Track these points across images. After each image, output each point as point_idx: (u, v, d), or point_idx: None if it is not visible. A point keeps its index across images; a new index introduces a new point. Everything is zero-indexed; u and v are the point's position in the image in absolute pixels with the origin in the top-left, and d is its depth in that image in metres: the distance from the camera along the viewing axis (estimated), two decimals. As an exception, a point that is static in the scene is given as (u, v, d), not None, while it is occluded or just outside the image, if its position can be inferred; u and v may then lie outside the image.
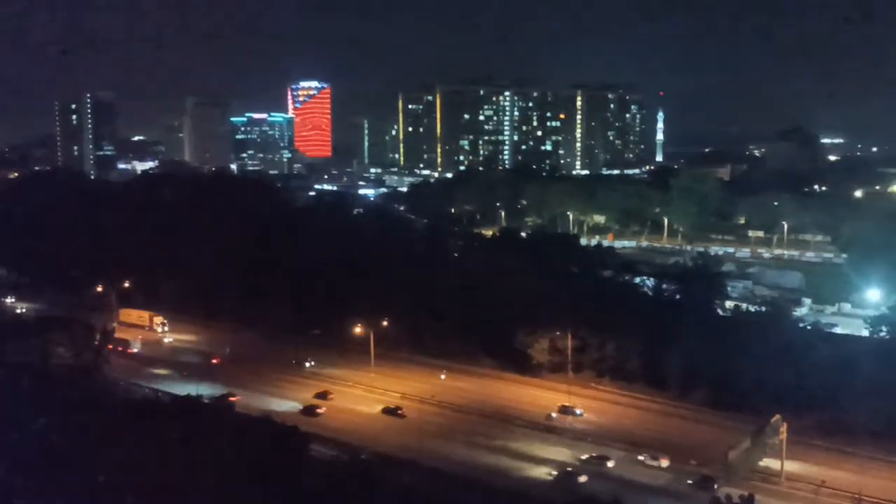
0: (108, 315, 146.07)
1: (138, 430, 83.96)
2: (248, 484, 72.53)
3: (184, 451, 78.85)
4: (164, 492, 72.20)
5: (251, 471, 73.96)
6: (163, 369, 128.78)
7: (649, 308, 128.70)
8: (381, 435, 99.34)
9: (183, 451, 78.88)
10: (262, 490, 72.31)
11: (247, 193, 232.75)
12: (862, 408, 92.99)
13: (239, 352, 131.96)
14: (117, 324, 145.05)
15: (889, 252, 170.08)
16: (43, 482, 74.09)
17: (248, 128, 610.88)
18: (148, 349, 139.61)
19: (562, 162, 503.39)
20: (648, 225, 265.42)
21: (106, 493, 74.00)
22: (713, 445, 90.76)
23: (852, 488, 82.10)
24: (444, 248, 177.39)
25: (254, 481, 72.51)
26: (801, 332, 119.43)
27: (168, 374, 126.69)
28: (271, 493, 72.94)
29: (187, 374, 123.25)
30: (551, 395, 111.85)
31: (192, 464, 74.90)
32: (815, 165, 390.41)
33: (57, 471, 76.57)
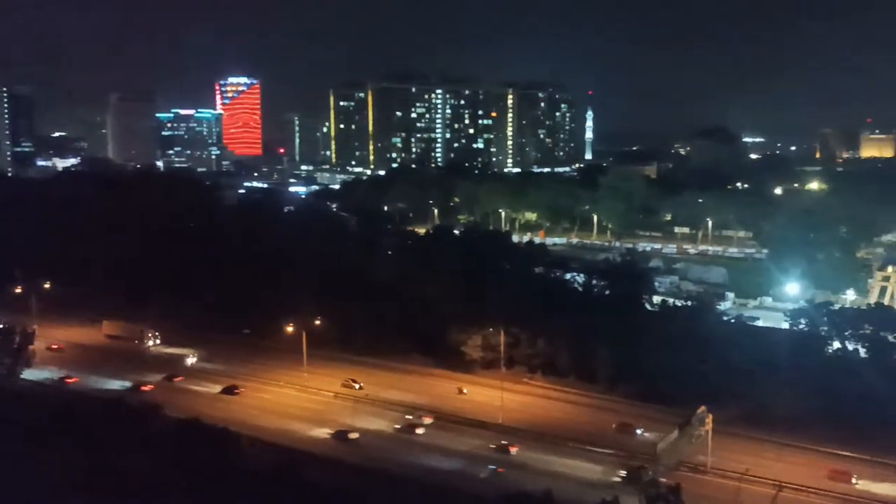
0: (29, 317, 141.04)
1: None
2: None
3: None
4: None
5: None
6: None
7: (580, 304, 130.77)
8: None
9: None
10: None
11: (173, 191, 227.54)
12: (782, 397, 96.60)
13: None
14: (105, 337, 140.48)
15: (806, 247, 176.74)
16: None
17: (175, 124, 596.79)
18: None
19: (493, 160, 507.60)
20: (578, 222, 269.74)
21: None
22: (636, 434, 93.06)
23: (773, 475, 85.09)
24: (377, 246, 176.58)
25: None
26: (726, 326, 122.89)
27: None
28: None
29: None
30: (484, 391, 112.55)
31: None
32: (738, 163, 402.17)
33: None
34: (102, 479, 77.04)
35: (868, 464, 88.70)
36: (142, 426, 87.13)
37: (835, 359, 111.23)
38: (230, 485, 75.90)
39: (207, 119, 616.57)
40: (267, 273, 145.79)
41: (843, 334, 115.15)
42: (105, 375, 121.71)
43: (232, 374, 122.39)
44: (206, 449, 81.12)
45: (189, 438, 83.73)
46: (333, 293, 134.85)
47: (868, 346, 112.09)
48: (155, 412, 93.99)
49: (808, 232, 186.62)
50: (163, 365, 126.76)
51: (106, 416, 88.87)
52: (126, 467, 78.43)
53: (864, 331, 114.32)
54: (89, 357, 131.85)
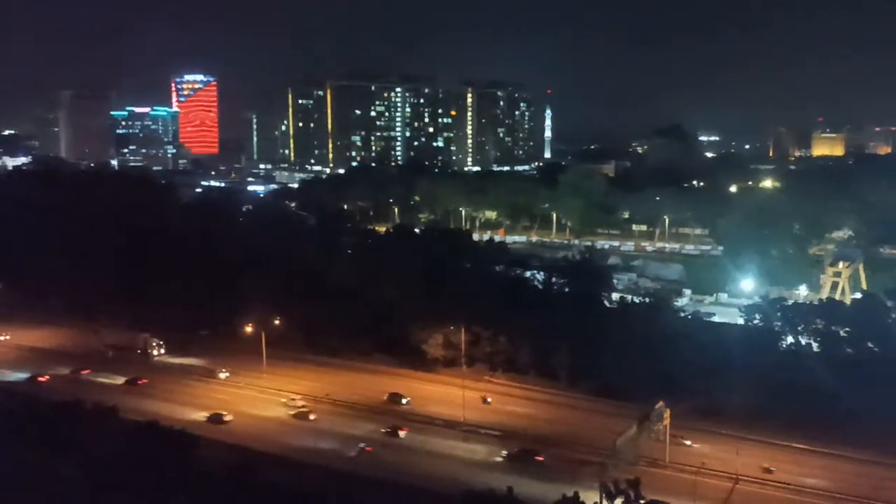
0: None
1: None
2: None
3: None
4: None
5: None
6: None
7: (540, 301, 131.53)
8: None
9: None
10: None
11: (129, 190, 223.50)
12: (738, 392, 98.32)
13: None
14: (104, 347, 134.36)
15: (761, 244, 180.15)
16: None
17: (130, 122, 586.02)
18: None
19: (453, 158, 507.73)
20: (538, 220, 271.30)
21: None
22: (597, 433, 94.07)
23: (729, 468, 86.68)
24: (338, 246, 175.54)
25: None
26: (683, 322, 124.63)
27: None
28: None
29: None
30: (445, 390, 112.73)
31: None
32: (694, 162, 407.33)
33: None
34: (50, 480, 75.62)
35: (816, 455, 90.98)
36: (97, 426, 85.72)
37: (788, 353, 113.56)
38: (187, 485, 75.04)
39: (163, 117, 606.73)
40: (225, 273, 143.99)
41: (796, 329, 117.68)
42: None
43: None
44: (162, 449, 80.00)
45: (145, 439, 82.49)
46: (294, 293, 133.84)
47: (820, 341, 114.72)
48: (111, 412, 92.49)
49: (762, 229, 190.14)
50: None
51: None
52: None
53: (816, 325, 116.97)
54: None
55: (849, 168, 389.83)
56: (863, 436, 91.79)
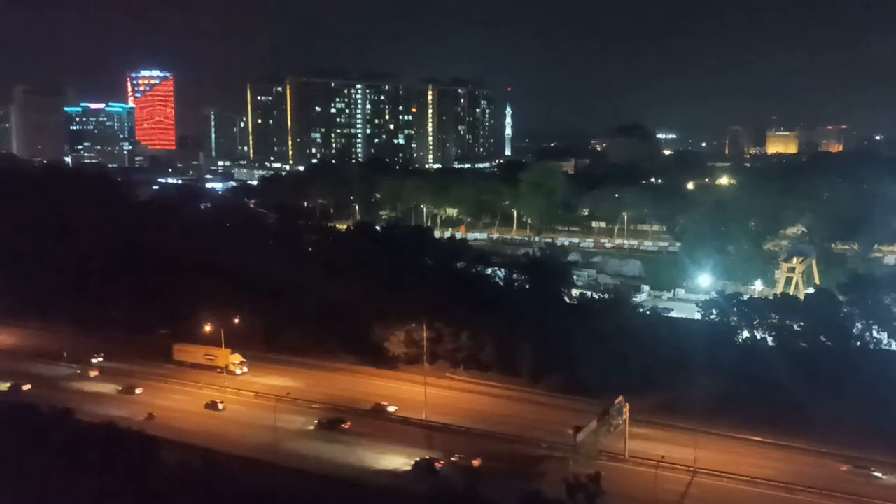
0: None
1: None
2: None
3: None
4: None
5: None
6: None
7: (501, 298, 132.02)
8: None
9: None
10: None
11: (83, 188, 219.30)
12: (696, 386, 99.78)
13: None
14: (174, 365, 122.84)
15: (717, 240, 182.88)
16: None
17: (84, 118, 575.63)
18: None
19: (414, 155, 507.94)
20: (499, 217, 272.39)
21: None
22: (557, 426, 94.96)
23: (688, 462, 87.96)
24: (298, 243, 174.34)
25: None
26: (642, 318, 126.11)
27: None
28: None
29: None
30: (408, 387, 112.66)
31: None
32: (653, 160, 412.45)
33: None
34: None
35: (773, 447, 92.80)
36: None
37: (745, 347, 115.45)
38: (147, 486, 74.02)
39: (119, 113, 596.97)
40: (184, 272, 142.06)
41: (751, 324, 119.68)
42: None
43: (144, 375, 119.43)
44: (123, 453, 78.81)
45: (105, 443, 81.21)
46: (255, 291, 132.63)
47: (775, 335, 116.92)
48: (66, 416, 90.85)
49: (718, 225, 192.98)
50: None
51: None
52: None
53: (772, 320, 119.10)
54: None
55: (802, 165, 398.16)
56: (818, 428, 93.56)
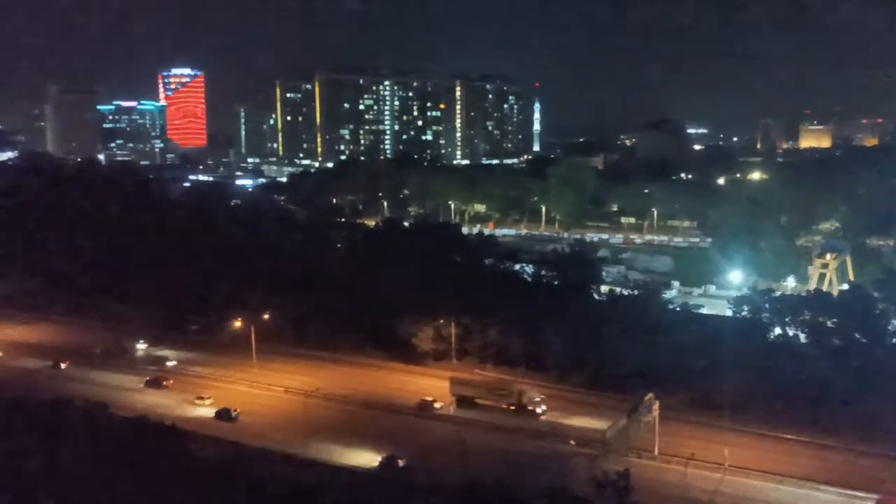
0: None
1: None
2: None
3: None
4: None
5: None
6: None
7: (530, 294, 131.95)
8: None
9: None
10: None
11: (116, 185, 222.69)
12: (726, 383, 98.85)
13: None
14: (454, 399, 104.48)
15: (749, 236, 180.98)
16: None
17: (117, 116, 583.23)
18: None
19: (442, 152, 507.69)
20: (527, 213, 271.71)
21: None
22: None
23: (719, 459, 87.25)
24: (327, 240, 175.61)
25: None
26: (672, 314, 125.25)
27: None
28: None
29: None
30: (436, 383, 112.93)
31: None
32: (682, 154, 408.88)
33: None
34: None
35: (805, 445, 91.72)
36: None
37: (777, 344, 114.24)
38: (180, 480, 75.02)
39: (150, 111, 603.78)
40: (215, 268, 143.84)
41: (784, 320, 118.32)
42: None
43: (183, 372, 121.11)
44: (155, 445, 80.00)
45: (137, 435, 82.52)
46: (284, 287, 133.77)
47: (808, 332, 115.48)
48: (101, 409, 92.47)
49: (750, 221, 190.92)
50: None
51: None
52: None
53: (804, 317, 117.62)
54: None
55: (836, 160, 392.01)
56: (851, 426, 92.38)
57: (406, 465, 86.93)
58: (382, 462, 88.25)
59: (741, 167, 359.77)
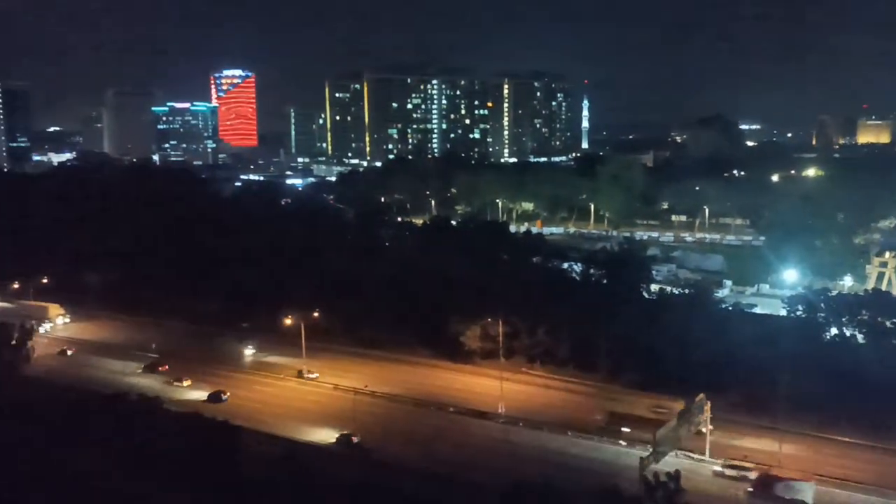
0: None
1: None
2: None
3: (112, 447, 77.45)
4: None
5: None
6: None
7: (578, 293, 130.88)
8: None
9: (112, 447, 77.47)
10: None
11: (171, 184, 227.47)
12: (780, 384, 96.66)
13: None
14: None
15: (804, 234, 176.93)
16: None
17: (170, 117, 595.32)
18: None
19: (490, 150, 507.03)
20: (575, 211, 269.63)
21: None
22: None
23: (771, 461, 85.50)
24: (375, 238, 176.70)
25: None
26: (723, 313, 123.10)
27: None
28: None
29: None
30: (483, 382, 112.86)
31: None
32: (735, 151, 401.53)
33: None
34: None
35: (863, 448, 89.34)
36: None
37: (833, 345, 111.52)
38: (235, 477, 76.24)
39: (203, 112, 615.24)
40: (265, 266, 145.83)
41: (840, 320, 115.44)
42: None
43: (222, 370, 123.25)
44: (210, 442, 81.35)
45: (192, 431, 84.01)
46: (333, 285, 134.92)
47: (865, 332, 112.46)
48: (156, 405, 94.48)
49: (805, 218, 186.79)
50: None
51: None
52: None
53: (862, 316, 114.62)
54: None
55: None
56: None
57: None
58: (340, 439, 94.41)
59: (796, 163, 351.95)
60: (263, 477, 76.50)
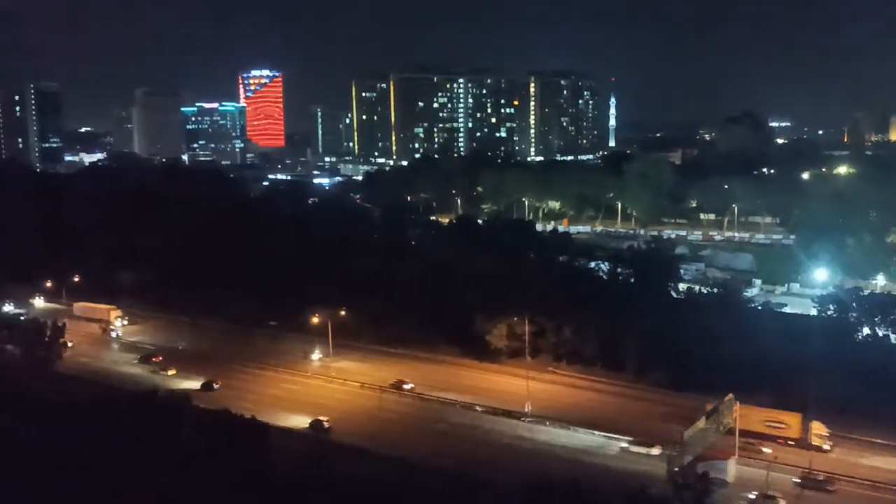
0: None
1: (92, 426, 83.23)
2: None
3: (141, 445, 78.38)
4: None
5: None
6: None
7: (605, 292, 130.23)
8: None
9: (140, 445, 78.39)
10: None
11: (200, 184, 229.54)
12: (810, 384, 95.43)
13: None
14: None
15: (835, 233, 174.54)
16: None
17: (199, 117, 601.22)
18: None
19: (516, 148, 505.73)
20: (603, 210, 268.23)
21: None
22: (663, 423, 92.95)
23: (802, 463, 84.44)
24: (402, 237, 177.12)
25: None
26: (753, 313, 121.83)
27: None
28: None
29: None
30: (509, 380, 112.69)
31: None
32: (764, 149, 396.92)
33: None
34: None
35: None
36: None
37: (865, 345, 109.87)
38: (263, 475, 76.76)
39: (231, 112, 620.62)
40: (293, 265, 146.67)
41: (873, 320, 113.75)
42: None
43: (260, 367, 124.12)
44: (237, 439, 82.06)
45: (220, 429, 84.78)
46: (360, 284, 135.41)
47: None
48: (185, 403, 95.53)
49: (836, 217, 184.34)
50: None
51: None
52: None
53: (895, 316, 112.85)
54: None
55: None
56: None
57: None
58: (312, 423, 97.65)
59: (827, 161, 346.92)
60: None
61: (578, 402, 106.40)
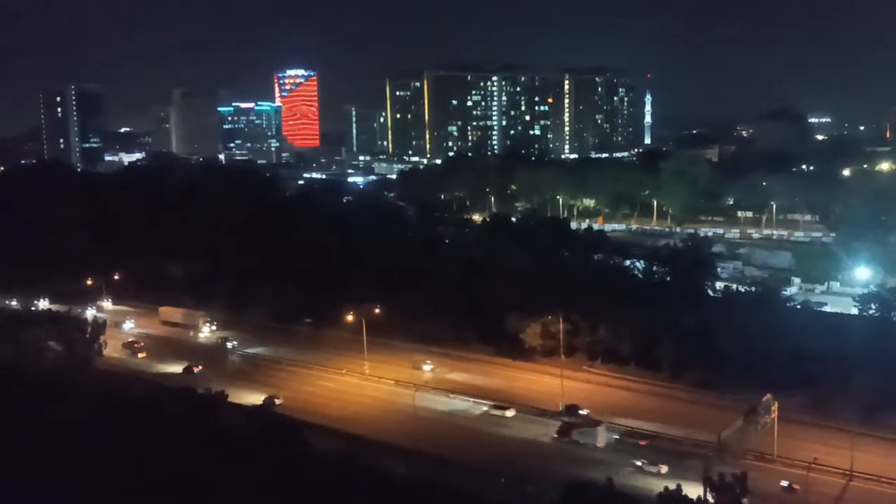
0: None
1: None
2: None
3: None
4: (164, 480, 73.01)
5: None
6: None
7: (641, 290, 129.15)
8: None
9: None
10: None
11: (237, 183, 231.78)
12: (852, 385, 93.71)
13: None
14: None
15: (877, 230, 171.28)
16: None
17: (235, 117, 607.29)
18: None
19: (551, 146, 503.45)
20: (638, 207, 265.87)
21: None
22: (699, 423, 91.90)
23: (843, 465, 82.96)
24: (436, 235, 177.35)
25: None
26: (792, 312, 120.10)
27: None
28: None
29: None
30: (543, 379, 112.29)
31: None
32: (803, 145, 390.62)
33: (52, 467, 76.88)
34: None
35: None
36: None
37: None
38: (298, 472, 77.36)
39: (267, 112, 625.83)
40: (328, 263, 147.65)
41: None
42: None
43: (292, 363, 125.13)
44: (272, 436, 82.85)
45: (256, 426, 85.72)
46: (394, 282, 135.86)
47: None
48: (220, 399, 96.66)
49: (878, 214, 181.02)
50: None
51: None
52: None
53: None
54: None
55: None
56: None
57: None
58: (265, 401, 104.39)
59: (868, 157, 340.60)
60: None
61: (613, 401, 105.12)
